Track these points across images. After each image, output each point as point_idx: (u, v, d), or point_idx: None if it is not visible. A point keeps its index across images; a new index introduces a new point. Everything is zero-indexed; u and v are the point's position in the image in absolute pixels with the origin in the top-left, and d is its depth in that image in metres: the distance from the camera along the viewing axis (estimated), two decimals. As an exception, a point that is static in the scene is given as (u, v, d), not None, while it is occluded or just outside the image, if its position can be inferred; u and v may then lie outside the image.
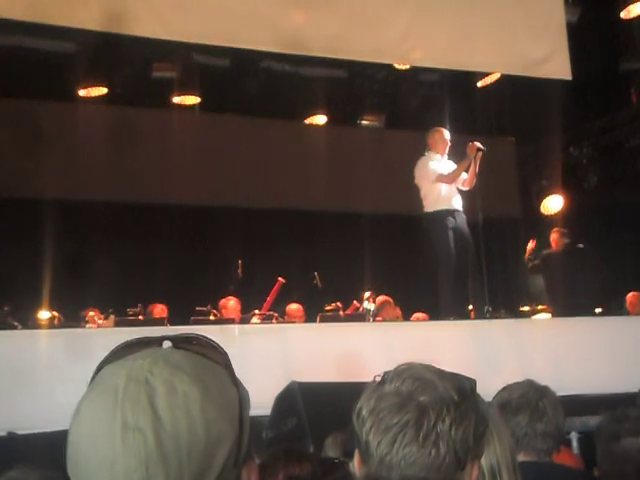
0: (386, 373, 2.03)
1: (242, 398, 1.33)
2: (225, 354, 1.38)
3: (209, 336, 1.41)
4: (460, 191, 10.44)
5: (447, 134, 10.54)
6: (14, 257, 11.18)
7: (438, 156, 10.44)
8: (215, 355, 1.37)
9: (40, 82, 11.68)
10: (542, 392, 3.65)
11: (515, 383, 3.72)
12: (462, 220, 10.27)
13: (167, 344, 1.37)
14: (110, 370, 1.31)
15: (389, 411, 1.87)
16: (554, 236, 12.10)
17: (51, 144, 12.07)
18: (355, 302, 11.21)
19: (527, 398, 3.61)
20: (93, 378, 1.32)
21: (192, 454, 1.22)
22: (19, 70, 11.53)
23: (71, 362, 7.15)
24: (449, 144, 10.48)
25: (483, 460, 2.55)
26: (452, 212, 10.23)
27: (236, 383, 1.34)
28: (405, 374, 1.93)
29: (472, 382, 2.04)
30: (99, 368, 1.33)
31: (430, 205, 10.30)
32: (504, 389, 3.70)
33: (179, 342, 1.37)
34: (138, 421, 1.22)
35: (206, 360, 1.34)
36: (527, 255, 12.43)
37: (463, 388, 1.98)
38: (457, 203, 10.32)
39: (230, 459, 1.26)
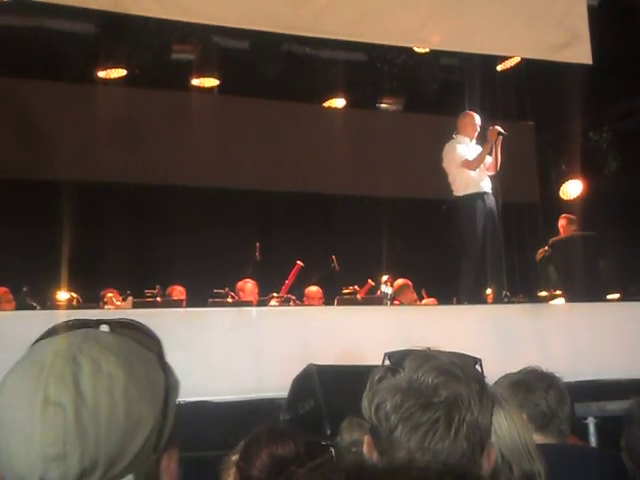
0: (390, 356, 2.02)
1: (169, 385, 1.34)
2: (159, 341, 1.40)
3: (227, 318, 1.42)
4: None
5: (477, 118, 10.50)
6: (33, 238, 11.24)
7: (467, 140, 10.39)
8: (149, 342, 1.38)
9: (59, 63, 11.70)
10: (538, 376, 3.65)
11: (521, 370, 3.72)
12: (491, 202, 10.23)
13: (104, 327, 1.38)
14: (40, 345, 1.33)
15: (417, 408, 1.87)
16: (562, 222, 12.05)
17: (71, 126, 12.08)
18: (370, 281, 11.21)
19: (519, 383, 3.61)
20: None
21: (110, 434, 1.23)
22: (38, 51, 11.56)
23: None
24: (478, 128, 10.43)
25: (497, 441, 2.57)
26: (482, 195, 10.19)
27: (165, 370, 1.35)
28: (425, 365, 1.92)
29: (479, 362, 2.06)
30: (33, 344, 1.36)
31: (460, 189, 10.26)
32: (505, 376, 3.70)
33: (115, 326, 1.39)
34: (60, 396, 1.23)
35: (138, 346, 1.35)
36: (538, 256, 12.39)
37: (478, 373, 1.98)
38: (487, 186, 10.29)
39: (149, 443, 1.27)
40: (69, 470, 1.22)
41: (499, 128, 10.14)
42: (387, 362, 2.03)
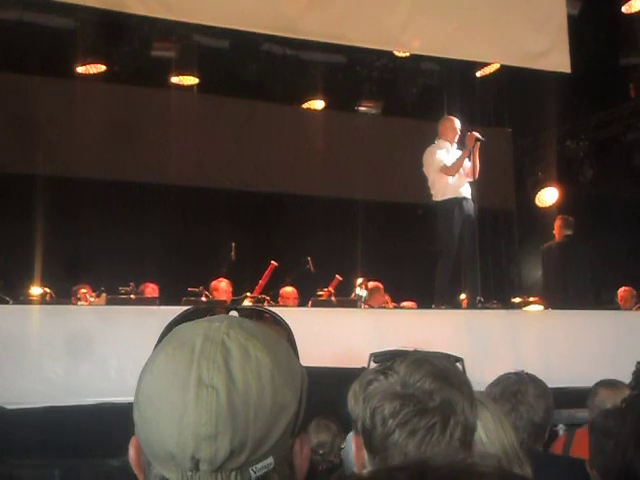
0: (376, 356, 2.05)
1: (304, 374, 1.40)
2: (290, 331, 1.49)
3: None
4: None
5: (458, 123, 10.50)
6: (7, 233, 11.18)
7: (447, 145, 10.40)
8: (281, 331, 1.47)
9: (39, 58, 11.66)
10: (525, 382, 3.70)
11: (503, 374, 3.78)
12: (470, 208, 10.23)
13: (234, 314, 1.46)
14: (187, 328, 1.38)
15: (414, 414, 1.91)
16: (557, 223, 12.10)
17: (47, 120, 12.04)
18: (337, 276, 11.22)
19: (508, 388, 3.67)
20: (163, 336, 1.40)
21: (259, 416, 1.28)
22: (18, 45, 11.53)
23: (62, 338, 7.16)
24: (459, 133, 10.45)
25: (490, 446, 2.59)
26: (460, 200, 10.20)
27: (299, 359, 1.43)
28: (420, 370, 1.95)
29: (461, 361, 2.11)
30: (169, 328, 1.41)
31: (439, 194, 10.27)
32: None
33: (249, 313, 1.48)
34: (213, 379, 1.28)
35: (275, 333, 1.43)
36: None
37: (464, 375, 2.03)
38: (466, 191, 10.30)
39: (290, 427, 1.32)
40: (219, 450, 1.26)
41: (477, 134, 10.15)
42: (373, 363, 2.07)
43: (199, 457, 1.26)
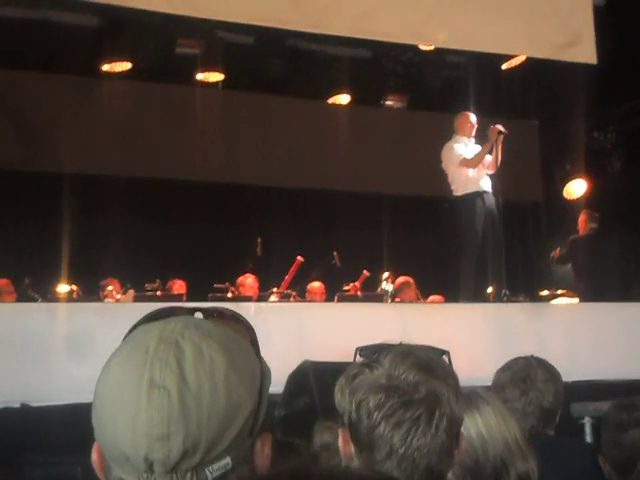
0: (362, 350, 2.06)
1: (264, 373, 1.41)
2: (252, 330, 1.49)
3: None
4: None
5: (473, 117, 10.52)
6: (34, 231, 11.26)
7: (465, 139, 10.42)
8: (242, 330, 1.47)
9: (64, 56, 11.70)
10: (534, 367, 3.71)
11: (511, 360, 3.79)
12: (491, 201, 10.25)
13: (198, 315, 1.46)
14: (143, 330, 1.40)
15: (399, 406, 1.92)
16: (582, 218, 12.08)
17: (73, 118, 12.09)
18: (365, 271, 11.22)
19: (517, 374, 3.67)
20: (126, 336, 1.41)
21: (212, 417, 1.29)
22: (44, 44, 11.57)
23: (88, 336, 7.19)
24: (475, 127, 10.46)
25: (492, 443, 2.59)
26: (481, 194, 10.21)
27: (260, 358, 1.43)
28: (405, 362, 1.95)
29: (447, 354, 2.12)
30: (133, 328, 1.42)
31: (459, 189, 10.28)
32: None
33: (210, 313, 1.47)
34: (165, 380, 1.29)
35: (234, 333, 1.42)
36: (553, 257, 12.42)
37: (451, 368, 2.03)
38: (486, 185, 10.30)
39: (246, 427, 1.33)
40: (172, 450, 1.27)
41: (500, 127, 10.14)
42: (359, 357, 2.07)
43: (152, 458, 1.27)
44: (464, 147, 10.34)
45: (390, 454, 1.91)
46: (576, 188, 14.43)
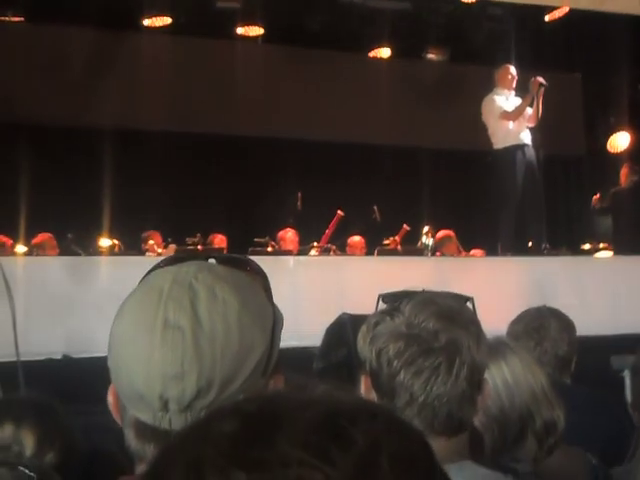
0: (385, 297, 2.07)
1: (276, 316, 1.42)
2: (266, 277, 1.51)
3: (265, 266, 1.50)
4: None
5: (514, 70, 10.46)
6: (75, 186, 11.34)
7: (505, 92, 10.38)
8: (256, 277, 1.49)
9: (105, 11, 11.70)
10: (547, 317, 3.72)
11: (524, 311, 3.80)
12: (531, 154, 10.22)
13: (212, 261, 1.49)
14: (157, 274, 1.42)
15: (419, 354, 1.93)
16: (624, 171, 11.97)
17: (114, 73, 12.12)
18: (405, 225, 11.20)
19: (530, 325, 3.69)
20: (141, 280, 1.43)
21: (225, 356, 1.31)
22: (84, -1, 11.60)
23: (129, 290, 7.26)
24: (516, 80, 10.39)
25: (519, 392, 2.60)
26: (522, 147, 10.17)
27: (272, 303, 1.44)
28: (425, 311, 1.96)
29: (471, 300, 2.12)
30: (148, 273, 1.45)
31: (499, 142, 10.26)
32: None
33: (225, 260, 1.50)
34: (179, 320, 1.31)
35: (247, 277, 1.45)
36: (594, 203, 12.32)
37: (473, 315, 2.04)
38: (526, 138, 10.26)
39: (259, 367, 1.35)
40: (186, 389, 1.29)
41: (540, 79, 10.07)
42: (382, 304, 2.09)
43: (167, 397, 1.29)
44: (505, 100, 10.28)
45: (410, 402, 1.93)
46: (620, 141, 14.26)
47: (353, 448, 0.74)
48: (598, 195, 12.25)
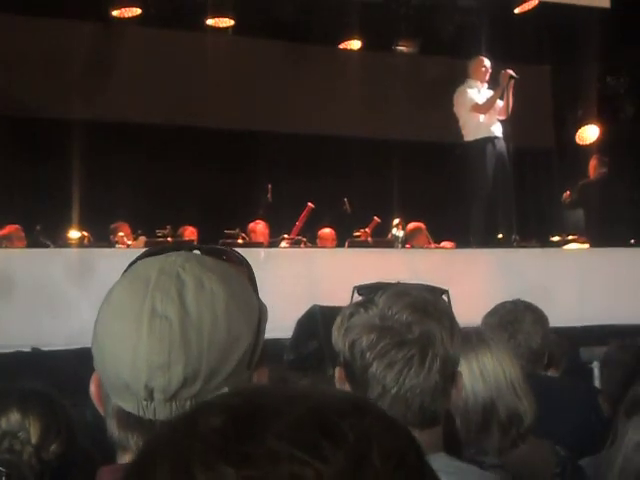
0: (360, 289, 2.07)
1: (262, 310, 1.43)
2: (250, 268, 1.51)
3: None
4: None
5: (488, 62, 10.48)
6: (45, 177, 11.27)
7: (478, 84, 10.40)
8: (240, 269, 1.49)
9: (74, 1, 11.63)
10: (521, 310, 3.75)
11: (499, 304, 3.83)
12: (502, 147, 10.24)
13: (197, 252, 1.48)
14: (144, 263, 1.41)
15: (392, 346, 1.93)
16: (592, 163, 12.03)
17: (83, 64, 12.05)
18: (376, 218, 11.22)
19: (504, 318, 3.71)
20: (126, 270, 1.43)
21: (212, 346, 1.31)
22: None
23: (99, 281, 7.23)
24: (489, 72, 10.41)
25: (484, 384, 2.62)
26: (492, 139, 10.21)
27: (257, 295, 1.45)
28: (399, 302, 1.96)
29: (446, 293, 2.12)
30: (133, 262, 1.44)
31: (470, 134, 10.28)
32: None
33: (210, 251, 1.50)
34: (166, 310, 1.31)
35: (233, 269, 1.45)
36: (564, 199, 12.38)
37: (448, 307, 2.04)
38: (497, 130, 10.29)
39: (245, 359, 1.35)
40: (172, 378, 1.29)
41: (511, 71, 10.11)
42: (357, 296, 2.09)
43: (153, 386, 1.29)
44: (476, 92, 10.31)
45: (383, 394, 1.93)
46: (588, 133, 14.34)
47: (344, 443, 0.73)
48: (568, 192, 12.31)
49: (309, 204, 11.16)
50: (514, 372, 2.68)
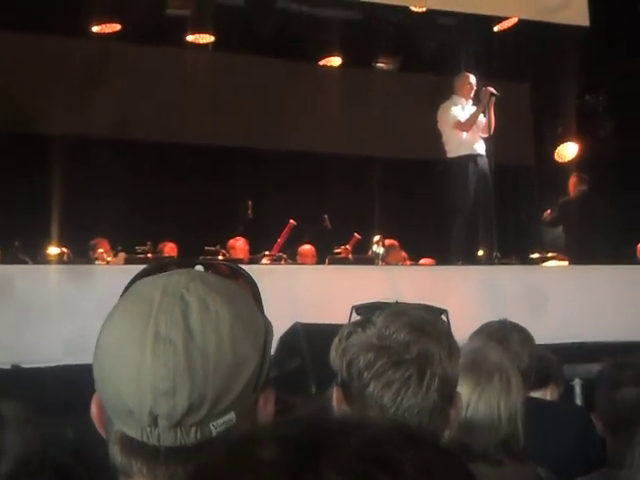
0: (358, 309, 2.05)
1: (267, 328, 1.38)
2: (255, 285, 1.48)
3: None
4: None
5: (473, 79, 10.51)
6: (24, 193, 11.22)
7: (462, 101, 10.42)
8: (244, 285, 1.46)
9: (54, 17, 11.60)
10: (508, 330, 3.73)
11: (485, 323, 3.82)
12: (484, 164, 10.27)
13: (199, 268, 1.44)
14: (146, 283, 1.37)
15: (390, 366, 1.92)
16: (572, 181, 12.09)
17: (63, 80, 12.01)
18: (356, 234, 11.23)
19: (492, 337, 3.69)
20: (125, 290, 1.39)
21: (218, 370, 1.26)
22: (32, 4, 11.46)
23: (79, 298, 7.19)
24: (474, 89, 10.44)
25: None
26: (475, 157, 10.23)
27: (263, 314, 1.40)
28: (397, 322, 1.95)
29: (445, 313, 2.11)
30: (132, 282, 1.40)
31: (452, 150, 10.30)
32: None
33: (213, 267, 1.46)
34: (170, 333, 1.27)
35: (237, 287, 1.41)
36: (545, 217, 12.43)
37: (446, 327, 2.02)
38: (480, 148, 10.32)
39: (251, 382, 1.31)
40: (178, 405, 1.25)
41: (492, 89, 10.14)
42: (355, 315, 2.07)
43: (157, 412, 1.25)
44: (460, 109, 10.33)
45: (380, 414, 1.91)
46: (567, 151, 14.41)
47: (402, 477, 0.71)
48: (549, 210, 12.36)
49: (291, 221, 11.14)
50: (516, 404, 2.67)
